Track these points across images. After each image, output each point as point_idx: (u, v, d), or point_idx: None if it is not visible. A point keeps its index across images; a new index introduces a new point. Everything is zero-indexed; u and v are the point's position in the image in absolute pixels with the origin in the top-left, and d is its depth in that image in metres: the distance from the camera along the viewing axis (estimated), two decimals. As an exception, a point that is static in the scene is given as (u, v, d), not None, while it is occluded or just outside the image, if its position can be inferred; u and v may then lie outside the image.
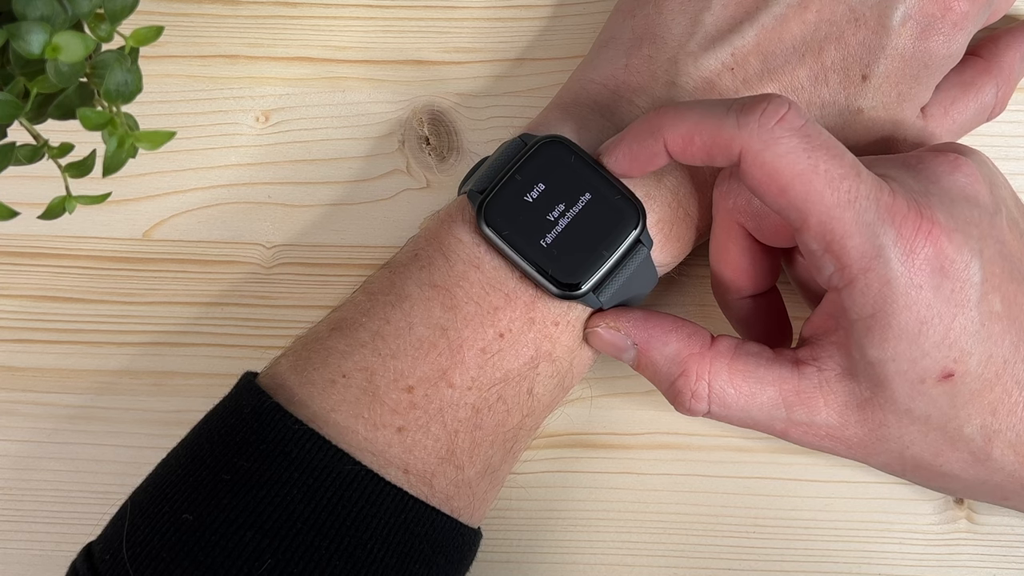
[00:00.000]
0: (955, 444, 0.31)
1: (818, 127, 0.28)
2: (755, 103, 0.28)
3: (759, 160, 0.28)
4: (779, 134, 0.28)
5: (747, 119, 0.28)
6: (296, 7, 0.39)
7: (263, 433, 0.30)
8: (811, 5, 0.33)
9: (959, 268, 0.29)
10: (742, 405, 0.31)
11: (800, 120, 0.28)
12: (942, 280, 0.28)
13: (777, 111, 0.28)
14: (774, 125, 0.28)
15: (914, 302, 0.28)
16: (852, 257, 0.28)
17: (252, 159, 0.39)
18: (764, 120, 0.28)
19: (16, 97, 0.25)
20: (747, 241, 0.32)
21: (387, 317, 0.31)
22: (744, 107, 0.28)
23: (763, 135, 0.28)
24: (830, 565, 0.37)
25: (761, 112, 0.28)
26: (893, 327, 0.29)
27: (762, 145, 0.28)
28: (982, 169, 0.31)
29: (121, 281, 0.39)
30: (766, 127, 0.28)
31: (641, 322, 0.32)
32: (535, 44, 0.39)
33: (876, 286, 0.28)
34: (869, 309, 0.29)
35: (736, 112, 0.28)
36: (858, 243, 0.28)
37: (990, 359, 0.30)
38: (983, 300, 0.29)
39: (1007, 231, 0.31)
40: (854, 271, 0.28)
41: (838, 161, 0.28)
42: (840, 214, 0.28)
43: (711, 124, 0.29)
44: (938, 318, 0.29)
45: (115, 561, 0.29)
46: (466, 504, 0.32)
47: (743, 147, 0.28)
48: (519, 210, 0.31)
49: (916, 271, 0.28)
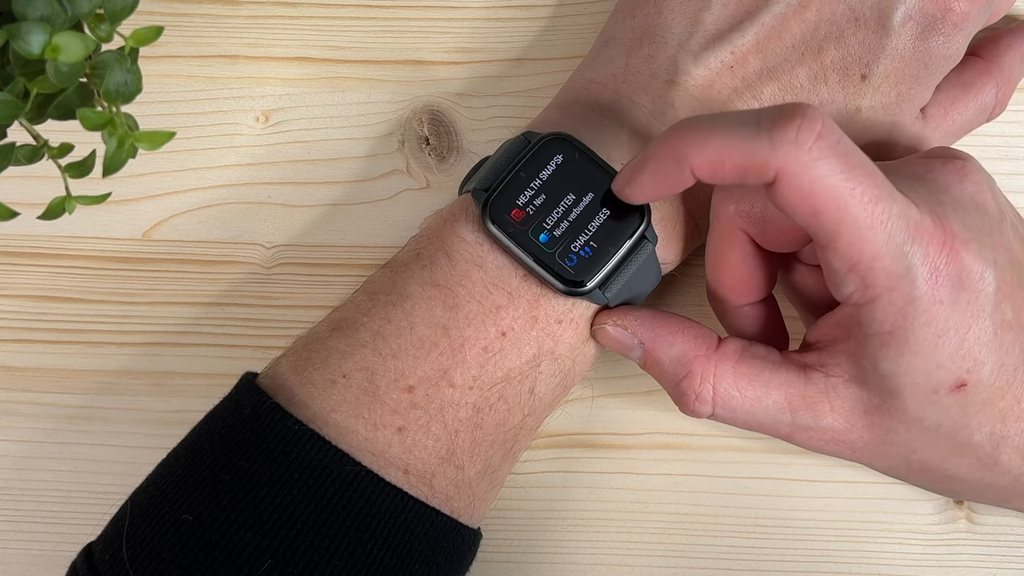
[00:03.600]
0: (963, 451, 0.31)
1: (851, 143, 0.27)
2: (788, 120, 0.26)
3: (796, 183, 0.26)
4: (817, 155, 0.26)
5: (782, 138, 0.26)
6: (296, 7, 0.39)
7: (263, 433, 0.30)
8: (811, 4, 0.33)
9: (975, 279, 0.28)
10: (747, 408, 0.31)
11: (836, 136, 0.26)
12: (960, 292, 0.28)
13: (813, 127, 0.26)
14: (812, 145, 0.26)
15: (934, 317, 0.28)
16: (879, 277, 0.27)
17: (252, 159, 0.39)
18: (801, 139, 0.26)
19: (16, 97, 0.25)
20: (748, 247, 0.31)
21: (388, 316, 0.31)
22: (775, 124, 0.26)
23: (801, 156, 0.26)
24: (830, 565, 0.37)
25: (797, 129, 0.26)
26: (910, 343, 0.28)
27: (800, 168, 0.26)
28: (984, 175, 0.31)
29: (121, 281, 0.39)
30: (804, 147, 0.26)
31: (648, 321, 0.32)
32: (535, 44, 0.39)
33: (899, 304, 0.28)
34: (888, 326, 0.28)
35: (767, 130, 0.26)
36: (887, 264, 0.27)
37: (1002, 368, 0.30)
38: (996, 309, 0.29)
39: (1012, 238, 0.31)
40: (879, 290, 0.28)
41: (873, 182, 0.27)
42: (872, 236, 0.27)
43: (742, 145, 0.27)
44: (954, 330, 0.28)
45: (115, 561, 0.29)
46: (466, 504, 0.32)
47: (779, 170, 0.26)
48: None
49: (939, 287, 0.28)
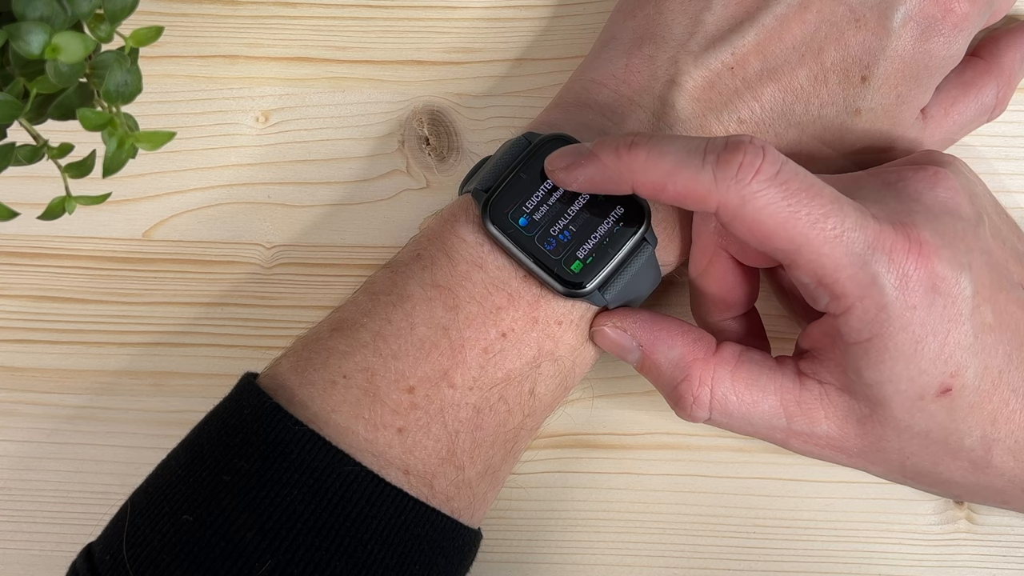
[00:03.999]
0: (956, 455, 0.31)
1: (793, 168, 0.28)
2: (731, 156, 0.28)
3: (740, 215, 0.28)
4: (756, 188, 0.27)
5: (723, 175, 0.27)
6: (296, 7, 0.39)
7: (263, 434, 0.30)
8: (812, 6, 0.33)
9: (950, 284, 0.29)
10: (743, 413, 0.31)
11: (775, 167, 0.28)
12: (935, 298, 0.29)
13: (753, 164, 0.27)
14: (751, 180, 0.27)
15: (909, 323, 0.28)
16: (846, 288, 0.28)
17: (252, 159, 0.39)
18: (741, 175, 0.27)
19: (16, 97, 0.25)
20: (729, 263, 0.32)
21: (388, 317, 0.31)
22: (719, 160, 0.28)
23: (740, 191, 0.27)
24: (830, 565, 0.37)
25: (738, 167, 0.27)
26: (889, 349, 0.29)
27: (740, 201, 0.28)
28: (960, 180, 0.31)
29: (121, 281, 0.39)
30: (743, 182, 0.27)
31: (647, 324, 0.32)
32: (535, 44, 0.39)
33: (872, 312, 0.28)
34: (866, 334, 0.29)
35: (712, 165, 0.28)
36: (851, 274, 0.28)
37: (986, 370, 0.30)
38: (975, 313, 0.29)
39: (991, 240, 0.31)
40: (850, 300, 0.28)
41: (818, 201, 0.28)
42: (829, 251, 0.28)
43: (686, 176, 0.28)
44: (932, 336, 0.29)
45: (115, 562, 0.29)
46: (466, 505, 0.32)
47: (720, 203, 0.28)
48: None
49: (910, 293, 0.28)
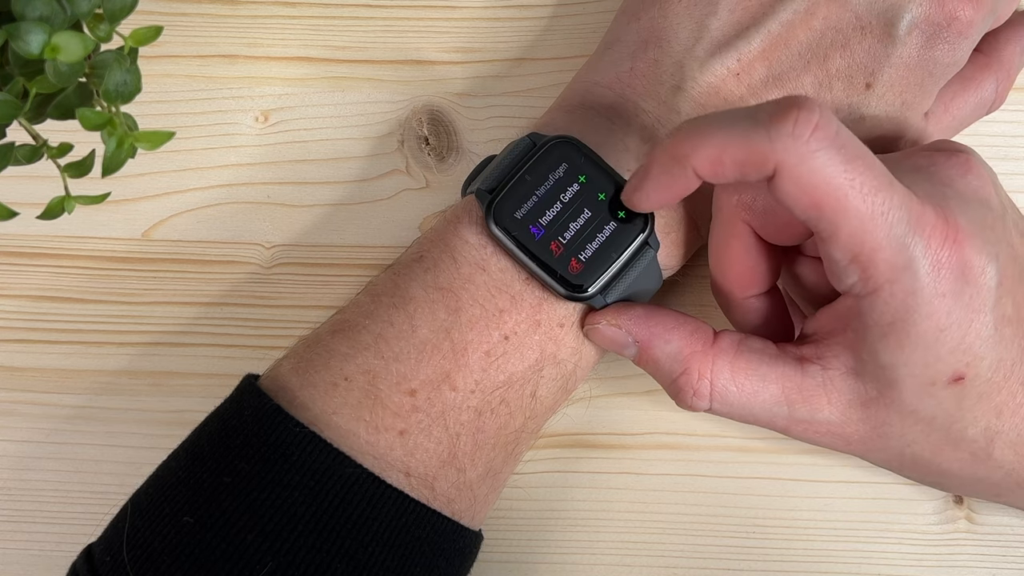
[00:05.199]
0: (957, 445, 0.31)
1: (849, 133, 0.27)
2: (784, 112, 0.26)
3: (794, 175, 0.26)
4: (815, 146, 0.26)
5: (779, 131, 0.26)
6: (296, 7, 0.39)
7: (264, 436, 0.30)
8: (818, 12, 0.33)
9: (978, 273, 0.28)
10: (744, 402, 0.31)
11: (833, 127, 0.26)
12: (963, 287, 0.28)
13: (810, 119, 0.26)
14: (809, 137, 0.26)
15: (935, 311, 0.28)
16: (880, 269, 0.27)
17: (252, 159, 0.39)
18: (798, 131, 0.26)
19: (15, 97, 0.25)
20: (751, 239, 0.31)
21: (390, 319, 0.31)
22: (773, 117, 0.26)
23: (799, 148, 0.26)
24: (830, 565, 0.37)
25: (794, 122, 0.26)
26: (911, 335, 0.28)
27: (798, 160, 0.26)
28: (987, 169, 0.31)
29: (120, 281, 0.39)
30: (801, 139, 0.26)
31: (643, 319, 0.32)
32: (535, 44, 0.39)
33: (901, 296, 0.28)
34: (889, 317, 0.28)
35: (765, 124, 0.26)
36: (888, 255, 0.27)
37: (1000, 363, 0.30)
38: (997, 304, 0.29)
39: (1013, 233, 0.31)
40: (880, 281, 0.28)
41: (872, 173, 0.27)
42: (873, 228, 0.27)
43: (740, 140, 0.26)
44: (956, 325, 0.28)
45: (115, 563, 0.29)
46: (467, 506, 0.32)
47: (778, 163, 0.26)
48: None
49: (941, 280, 0.28)
